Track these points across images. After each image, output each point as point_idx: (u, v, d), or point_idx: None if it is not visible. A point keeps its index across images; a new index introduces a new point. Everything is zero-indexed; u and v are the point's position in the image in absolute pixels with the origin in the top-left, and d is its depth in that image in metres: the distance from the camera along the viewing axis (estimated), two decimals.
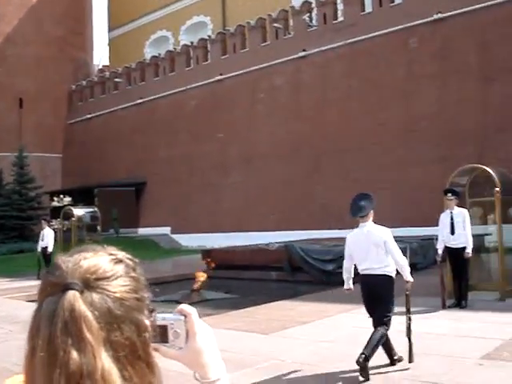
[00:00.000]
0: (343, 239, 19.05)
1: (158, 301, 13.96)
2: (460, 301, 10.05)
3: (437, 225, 10.58)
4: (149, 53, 43.51)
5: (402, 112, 24.86)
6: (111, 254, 0.98)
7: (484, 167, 11.17)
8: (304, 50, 29.07)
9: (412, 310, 9.56)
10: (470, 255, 10.05)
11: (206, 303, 13.45)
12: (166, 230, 34.47)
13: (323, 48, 28.27)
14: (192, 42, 36.19)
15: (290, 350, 7.48)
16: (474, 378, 5.95)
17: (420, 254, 15.68)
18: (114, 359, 0.87)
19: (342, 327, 8.87)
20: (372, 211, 6.96)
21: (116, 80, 40.19)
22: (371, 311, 6.75)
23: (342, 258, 15.60)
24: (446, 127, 23.37)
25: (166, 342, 1.07)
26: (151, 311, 0.99)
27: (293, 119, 28.82)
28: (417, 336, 7.79)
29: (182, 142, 34.36)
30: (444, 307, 9.90)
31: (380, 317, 6.56)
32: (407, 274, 6.66)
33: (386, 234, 6.77)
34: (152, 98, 37.20)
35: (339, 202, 25.87)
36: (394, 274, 6.70)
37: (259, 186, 29.61)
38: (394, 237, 7.09)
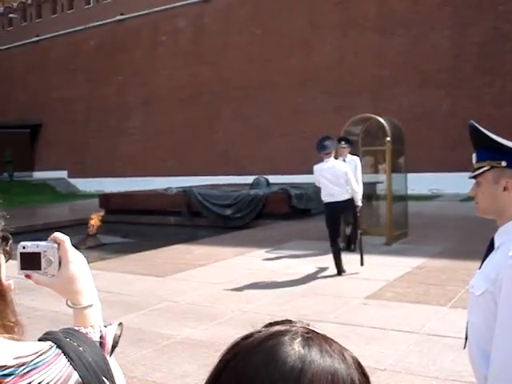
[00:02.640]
0: (242, 185, 19.41)
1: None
2: (349, 244, 10.48)
3: None
4: None
5: (302, 61, 25.11)
6: None
7: (377, 117, 11.50)
8: None
9: (305, 252, 10.02)
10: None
11: (102, 247, 13.35)
12: (63, 173, 33.60)
13: None
14: None
15: (184, 292, 7.60)
16: (358, 316, 6.28)
17: (315, 200, 16.10)
18: None
19: (237, 269, 9.07)
20: (334, 150, 8.71)
21: (10, 16, 38.03)
22: (334, 229, 8.76)
23: (239, 203, 15.94)
24: (344, 77, 23.88)
25: (39, 269, 1.09)
26: (4, 239, 0.98)
27: (194, 63, 28.49)
28: (308, 277, 8.16)
29: (80, 84, 33.26)
30: None
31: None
32: (358, 200, 8.66)
33: (346, 167, 8.63)
34: (49, 36, 35.61)
35: (238, 148, 26.13)
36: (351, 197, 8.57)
37: (159, 131, 29.29)
38: (291, 183, 7.80)
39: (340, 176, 8.39)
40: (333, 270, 8.67)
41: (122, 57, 31.53)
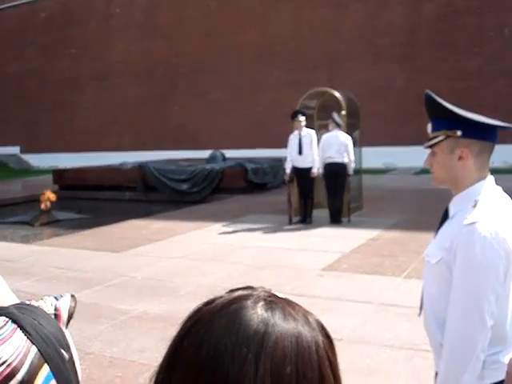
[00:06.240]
0: (198, 160, 19.33)
1: (7, 222, 13.43)
2: (305, 217, 10.57)
3: (286, 146, 10.90)
4: None
5: (259, 35, 24.96)
6: None
7: (332, 91, 11.55)
8: None
9: (261, 226, 10.07)
10: (316, 174, 10.50)
11: (56, 224, 13.15)
12: (15, 149, 32.86)
13: None
14: None
15: (140, 267, 7.55)
16: (315, 287, 6.35)
17: (270, 174, 16.19)
18: None
19: (194, 244, 9.06)
20: (341, 124, 10.40)
21: None
22: (332, 188, 10.34)
23: (195, 177, 15.88)
24: (300, 52, 23.84)
25: None
26: None
27: (149, 37, 28.03)
28: (265, 250, 8.19)
29: (32, 57, 32.39)
30: (290, 223, 10.39)
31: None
32: (351, 167, 10.40)
33: (347, 139, 10.26)
34: None
35: (194, 123, 25.94)
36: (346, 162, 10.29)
37: (113, 105, 28.81)
38: (247, 158, 7.74)
39: (341, 144, 10.18)
40: (290, 242, 8.76)
41: (74, 30, 30.77)
